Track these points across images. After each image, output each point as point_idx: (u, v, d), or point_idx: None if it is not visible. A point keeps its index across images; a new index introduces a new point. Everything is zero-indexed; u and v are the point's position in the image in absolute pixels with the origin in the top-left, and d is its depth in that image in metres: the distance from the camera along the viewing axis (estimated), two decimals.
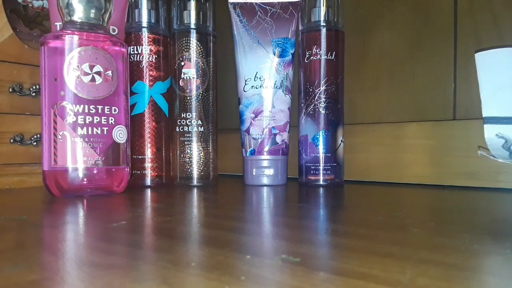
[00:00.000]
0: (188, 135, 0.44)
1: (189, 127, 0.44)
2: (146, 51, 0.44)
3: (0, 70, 0.42)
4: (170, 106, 0.45)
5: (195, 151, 0.44)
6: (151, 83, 0.44)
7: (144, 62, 0.44)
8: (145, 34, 0.44)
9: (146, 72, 0.44)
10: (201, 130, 0.44)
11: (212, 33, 0.45)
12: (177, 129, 0.44)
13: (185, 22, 0.44)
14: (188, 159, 0.44)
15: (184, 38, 0.44)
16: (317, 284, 0.14)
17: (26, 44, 0.44)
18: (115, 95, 0.36)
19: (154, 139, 0.44)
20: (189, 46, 0.44)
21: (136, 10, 0.45)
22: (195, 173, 0.44)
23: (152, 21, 0.45)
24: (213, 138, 0.45)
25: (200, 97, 0.44)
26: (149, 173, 0.44)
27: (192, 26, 0.44)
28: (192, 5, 0.44)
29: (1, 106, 0.42)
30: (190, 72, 0.44)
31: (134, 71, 0.44)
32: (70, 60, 0.34)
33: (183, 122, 0.44)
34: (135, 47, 0.44)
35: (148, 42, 0.44)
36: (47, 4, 0.46)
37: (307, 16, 0.44)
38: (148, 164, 0.44)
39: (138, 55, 0.44)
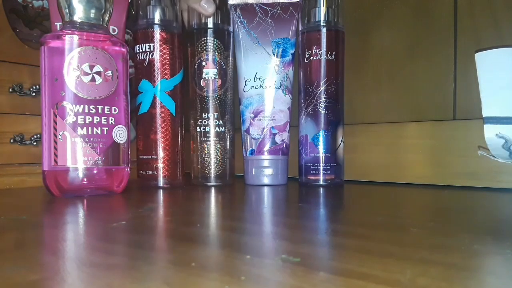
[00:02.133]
0: (208, 134, 0.45)
1: (208, 127, 0.45)
2: (151, 49, 0.43)
3: (0, 70, 0.42)
4: (177, 105, 0.45)
5: (212, 150, 0.45)
6: (157, 81, 0.43)
7: (148, 60, 0.43)
8: (150, 32, 0.43)
9: (151, 70, 0.43)
10: (220, 130, 0.45)
11: (230, 32, 0.46)
12: (198, 129, 0.45)
13: (204, 21, 0.45)
14: (211, 159, 0.45)
15: (205, 38, 0.44)
16: (317, 284, 0.14)
17: (26, 44, 0.44)
18: (115, 95, 0.36)
19: (160, 138, 0.44)
20: (212, 45, 0.44)
21: (139, 8, 0.44)
22: (213, 173, 0.45)
23: (157, 18, 0.44)
24: (231, 138, 0.46)
25: (221, 97, 0.45)
26: (155, 173, 0.44)
27: (211, 25, 0.44)
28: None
29: (1, 106, 0.42)
30: (211, 72, 0.44)
31: (139, 69, 0.43)
32: (70, 60, 0.34)
33: (204, 122, 0.44)
34: (140, 45, 0.43)
35: (152, 40, 0.43)
36: (47, 4, 0.46)
37: (307, 17, 0.44)
38: (153, 164, 0.44)
39: (143, 53, 0.43)
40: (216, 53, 0.44)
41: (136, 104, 0.44)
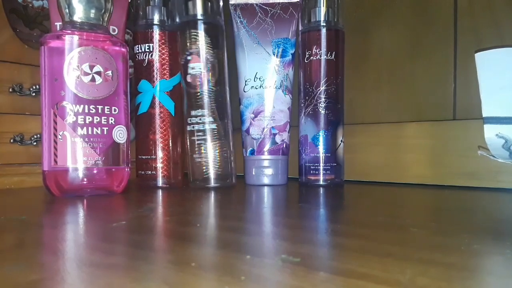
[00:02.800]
0: (200, 133, 0.42)
1: (200, 124, 0.42)
2: (150, 49, 0.43)
3: (0, 70, 0.42)
4: (176, 105, 0.44)
5: (209, 150, 0.42)
6: (156, 81, 0.43)
7: (148, 60, 0.43)
8: (149, 32, 0.43)
9: (151, 70, 0.43)
10: (213, 127, 0.42)
11: (220, 25, 0.43)
12: (188, 128, 0.42)
13: (191, 13, 0.42)
14: (201, 159, 0.42)
15: (189, 31, 0.42)
16: (317, 284, 0.14)
17: (26, 44, 0.44)
18: (115, 95, 0.36)
19: (160, 139, 0.44)
20: (196, 38, 0.42)
21: (139, 8, 0.44)
22: (212, 174, 0.42)
23: (156, 18, 0.44)
24: (230, 135, 0.43)
25: (211, 92, 0.42)
26: (154, 173, 0.44)
27: (199, 17, 0.42)
28: None
29: (1, 106, 0.42)
30: (198, 66, 0.41)
31: (138, 69, 0.43)
32: (70, 60, 0.34)
33: (193, 120, 0.42)
34: (139, 45, 0.43)
35: (152, 40, 0.43)
36: (47, 4, 0.46)
37: (307, 16, 0.44)
38: (153, 164, 0.44)
39: (142, 54, 0.43)
40: (203, 45, 0.41)
41: (135, 104, 0.44)
